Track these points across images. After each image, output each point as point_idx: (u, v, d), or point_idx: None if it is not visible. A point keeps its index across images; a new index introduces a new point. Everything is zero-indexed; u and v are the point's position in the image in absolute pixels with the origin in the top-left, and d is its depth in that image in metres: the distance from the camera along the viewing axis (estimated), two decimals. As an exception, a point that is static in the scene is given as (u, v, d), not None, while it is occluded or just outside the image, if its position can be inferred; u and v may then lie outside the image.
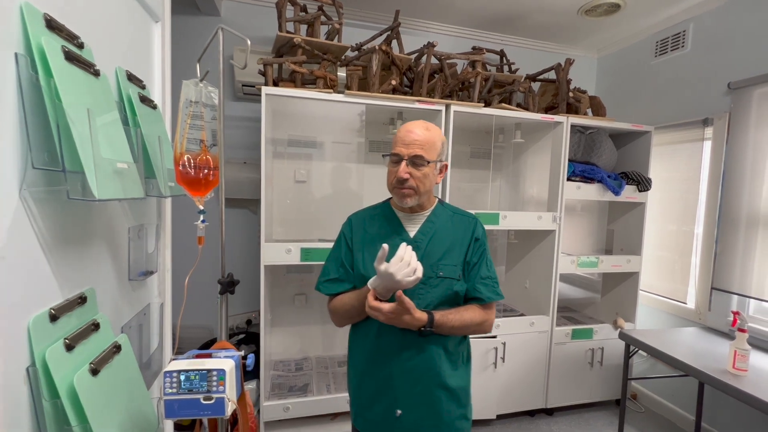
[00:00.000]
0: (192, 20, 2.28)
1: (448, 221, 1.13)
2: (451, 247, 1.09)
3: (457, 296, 1.08)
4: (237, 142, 2.37)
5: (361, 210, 1.21)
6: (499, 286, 1.13)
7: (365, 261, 1.08)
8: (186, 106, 0.95)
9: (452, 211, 1.16)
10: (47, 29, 0.67)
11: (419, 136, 1.03)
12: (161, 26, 1.20)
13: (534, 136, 2.42)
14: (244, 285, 2.36)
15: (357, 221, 1.17)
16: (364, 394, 1.10)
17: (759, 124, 1.96)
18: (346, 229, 1.16)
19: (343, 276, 1.12)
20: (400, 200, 1.06)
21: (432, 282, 1.05)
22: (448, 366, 1.07)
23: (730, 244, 2.06)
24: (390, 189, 1.09)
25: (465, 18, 2.55)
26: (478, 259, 1.10)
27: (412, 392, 1.04)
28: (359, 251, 1.10)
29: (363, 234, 1.12)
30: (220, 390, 0.76)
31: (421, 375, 1.04)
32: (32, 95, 0.64)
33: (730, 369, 1.58)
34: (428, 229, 1.10)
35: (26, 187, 0.64)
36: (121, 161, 0.80)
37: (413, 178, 1.02)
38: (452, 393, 1.07)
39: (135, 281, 1.07)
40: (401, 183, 1.03)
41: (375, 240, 1.10)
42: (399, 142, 1.05)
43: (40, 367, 0.65)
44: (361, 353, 1.11)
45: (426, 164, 1.03)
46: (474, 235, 1.11)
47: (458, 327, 1.03)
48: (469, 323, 1.05)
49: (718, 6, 2.20)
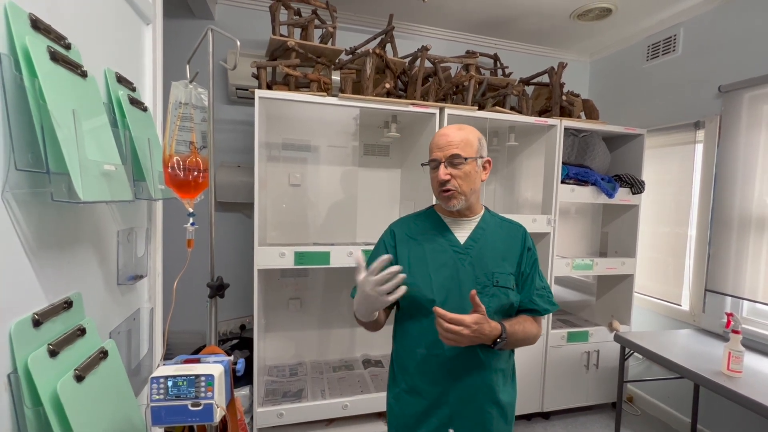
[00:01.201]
0: (186, 23, 2.28)
1: (497, 228, 1.09)
2: (504, 256, 1.05)
3: (512, 307, 1.03)
4: (231, 145, 2.36)
5: (403, 217, 1.16)
6: (553, 295, 1.09)
7: (411, 267, 1.03)
8: (175, 108, 0.94)
9: (500, 218, 1.13)
10: (32, 29, 0.66)
11: (453, 137, 1.01)
12: (152, 28, 1.20)
13: (528, 139, 2.43)
14: (238, 289, 2.34)
15: (400, 229, 1.11)
16: (410, 412, 1.03)
17: (750, 126, 1.98)
18: (387, 239, 1.11)
19: None
20: (446, 204, 1.03)
21: (488, 291, 1.00)
22: (502, 381, 1.04)
23: (723, 245, 2.07)
24: (436, 195, 1.06)
25: (458, 22, 2.57)
26: (531, 269, 1.06)
27: (467, 410, 1.00)
28: (404, 259, 1.04)
29: (408, 240, 1.07)
30: (209, 396, 0.74)
31: (477, 391, 1.00)
32: (16, 96, 0.63)
33: (725, 371, 1.58)
34: (479, 236, 1.06)
35: (9, 188, 0.63)
36: (109, 163, 0.79)
37: (455, 179, 1.00)
38: (503, 409, 1.03)
39: (124, 285, 1.05)
40: (443, 185, 1.00)
41: (420, 241, 1.06)
42: (434, 147, 1.03)
43: (22, 374, 0.64)
44: (410, 368, 1.04)
45: (465, 161, 0.99)
46: (526, 245, 1.08)
47: (521, 339, 0.99)
48: (530, 335, 1.01)
49: (707, 10, 2.23)
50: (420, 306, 1.02)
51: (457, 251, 1.04)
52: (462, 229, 1.07)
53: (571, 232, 2.72)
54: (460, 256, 1.03)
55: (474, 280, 1.01)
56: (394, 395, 1.08)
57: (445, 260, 1.02)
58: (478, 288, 0.99)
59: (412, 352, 1.04)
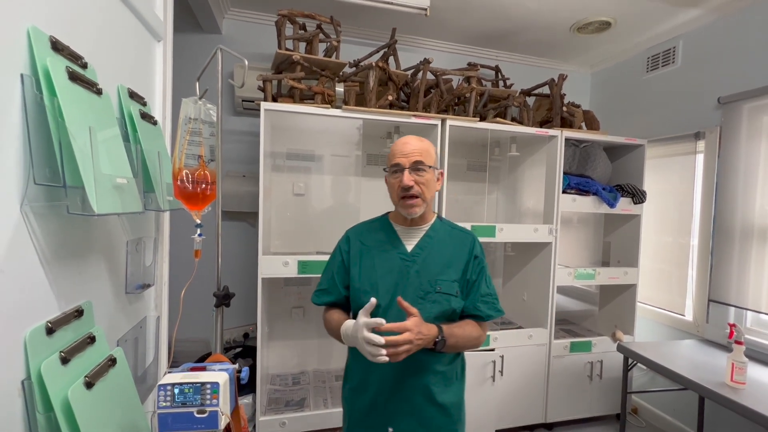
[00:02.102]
0: (194, 38, 2.34)
1: (446, 236, 1.12)
2: (449, 263, 1.09)
3: (454, 313, 1.07)
4: (236, 155, 2.40)
5: (358, 224, 1.22)
6: (499, 301, 1.13)
7: (361, 274, 1.09)
8: (185, 123, 0.97)
9: (450, 226, 1.16)
10: (52, 51, 0.70)
11: (416, 145, 1.07)
12: (163, 45, 1.24)
13: (529, 150, 2.46)
14: (242, 298, 2.36)
15: (354, 235, 1.17)
16: (357, 408, 1.10)
17: (750, 137, 2.00)
18: (342, 243, 1.17)
19: (331, 288, 1.13)
20: (408, 211, 1.06)
21: (431, 297, 1.05)
22: (440, 383, 1.07)
23: (725, 256, 2.07)
24: (395, 201, 1.09)
25: (460, 35, 2.62)
26: (478, 276, 1.10)
27: (404, 409, 1.05)
28: (355, 265, 1.11)
29: (360, 247, 1.13)
30: (214, 403, 0.76)
31: (413, 392, 1.05)
32: (36, 114, 0.66)
33: (729, 382, 1.57)
34: (426, 244, 1.10)
35: (27, 202, 0.66)
36: (121, 176, 0.82)
37: (418, 185, 1.04)
38: (444, 409, 1.07)
39: (132, 294, 1.07)
40: (407, 191, 1.03)
41: (371, 251, 1.11)
42: (397, 153, 1.07)
43: (35, 381, 0.66)
44: (357, 369, 1.11)
45: (427, 169, 1.05)
46: (473, 253, 1.11)
47: (462, 343, 1.04)
48: (471, 339, 1.06)
49: (706, 23, 2.26)
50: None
51: (404, 259, 1.08)
52: (412, 237, 1.12)
53: (573, 241, 2.73)
54: (407, 264, 1.07)
55: (418, 287, 1.05)
56: (346, 390, 1.16)
57: (391, 267, 1.07)
58: (421, 293, 1.05)
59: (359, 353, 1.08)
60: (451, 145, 2.07)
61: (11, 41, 0.62)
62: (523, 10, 2.26)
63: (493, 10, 2.26)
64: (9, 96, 0.62)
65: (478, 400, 2.12)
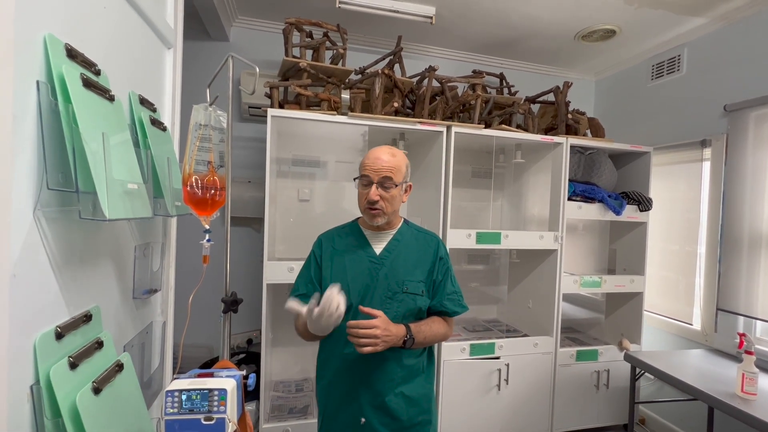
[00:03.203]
0: (202, 45, 2.37)
1: (412, 240, 1.20)
2: (415, 265, 1.16)
3: (420, 311, 1.15)
4: (242, 161, 2.41)
5: (330, 229, 1.28)
6: (463, 298, 1.21)
7: (332, 276, 1.15)
8: (195, 129, 0.98)
9: (416, 230, 1.24)
10: (68, 58, 0.71)
11: (386, 162, 1.11)
12: (173, 52, 1.26)
13: (534, 157, 2.46)
14: (246, 304, 2.34)
15: (326, 239, 1.23)
16: (331, 403, 1.16)
17: (756, 145, 1.99)
18: (315, 248, 1.23)
19: (311, 292, 1.15)
20: (370, 220, 1.14)
21: (398, 297, 1.12)
22: (407, 377, 1.14)
23: (733, 264, 2.05)
24: (361, 210, 1.17)
25: (465, 43, 2.64)
26: (443, 276, 1.18)
27: (375, 402, 1.11)
28: (327, 267, 1.17)
29: (332, 250, 1.19)
30: (221, 410, 0.76)
31: (382, 386, 1.11)
32: (51, 120, 0.67)
33: (739, 393, 1.55)
34: (393, 247, 1.17)
35: (40, 207, 0.66)
36: (132, 182, 0.83)
37: (383, 200, 1.11)
38: (412, 400, 1.14)
39: (139, 299, 1.08)
40: (372, 204, 1.11)
41: (342, 254, 1.17)
42: (368, 167, 1.13)
43: (44, 385, 0.66)
44: (329, 366, 1.17)
45: (394, 186, 1.11)
46: (438, 255, 1.19)
47: (429, 339, 1.12)
48: (438, 334, 1.15)
49: (711, 31, 2.26)
50: None
51: (373, 261, 1.15)
52: (380, 241, 1.19)
53: (579, 249, 2.71)
54: (375, 266, 1.15)
55: (386, 288, 1.13)
56: (319, 387, 1.21)
57: (361, 269, 1.14)
58: (389, 294, 1.12)
59: (330, 352, 1.17)
60: (456, 152, 2.07)
61: (28, 49, 0.63)
62: (527, 19, 2.27)
63: (497, 18, 2.28)
64: (25, 103, 0.63)
65: (483, 408, 2.09)
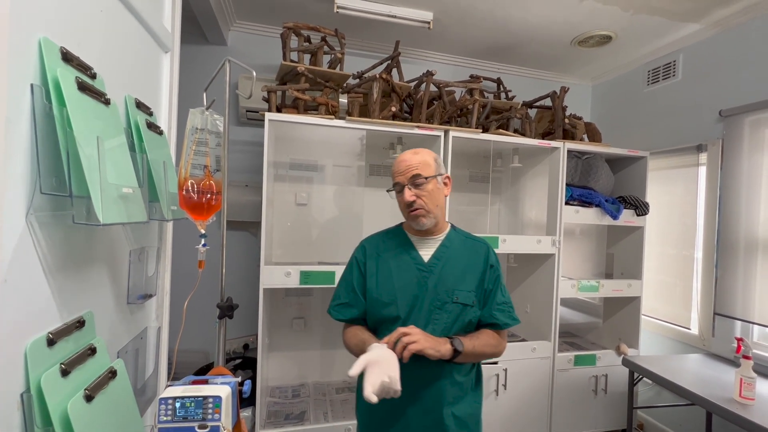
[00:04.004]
0: (200, 49, 2.37)
1: (461, 246, 1.13)
2: (465, 273, 1.09)
3: (470, 323, 1.08)
4: (239, 165, 2.41)
5: (374, 234, 1.22)
6: (514, 310, 1.14)
7: (378, 285, 1.09)
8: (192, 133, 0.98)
9: (464, 236, 1.17)
10: (63, 61, 0.71)
11: (411, 160, 1.08)
12: (170, 56, 1.25)
13: (532, 161, 2.46)
14: (242, 308, 2.33)
15: (370, 245, 1.17)
16: (375, 420, 1.09)
17: (752, 150, 2.00)
18: (359, 254, 1.16)
19: (353, 301, 1.11)
20: (416, 223, 1.08)
21: (447, 308, 1.06)
22: (457, 394, 1.07)
23: (730, 269, 2.06)
24: (406, 217, 1.11)
25: (462, 48, 2.65)
26: (494, 285, 1.11)
27: (423, 421, 1.04)
28: (372, 276, 1.10)
29: (377, 258, 1.13)
30: (216, 418, 0.74)
31: (431, 404, 1.04)
32: (44, 123, 0.66)
33: (737, 398, 1.55)
34: (442, 254, 1.11)
35: (33, 211, 0.65)
36: (127, 186, 0.82)
37: (420, 198, 1.05)
38: (461, 421, 1.07)
39: (133, 305, 1.06)
40: (410, 206, 1.06)
41: (387, 261, 1.11)
42: (396, 173, 1.10)
43: (35, 393, 0.64)
44: None
45: (426, 180, 1.06)
46: (489, 262, 1.12)
47: (479, 351, 1.04)
48: (488, 348, 1.06)
49: (706, 38, 2.28)
50: (386, 323, 1.07)
51: (421, 269, 1.09)
52: (427, 247, 1.12)
53: (577, 253, 2.71)
54: (424, 274, 1.08)
55: (435, 297, 1.06)
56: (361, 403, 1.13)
57: (409, 278, 1.07)
58: (438, 304, 1.05)
59: None
60: (454, 156, 2.08)
61: (23, 52, 0.63)
62: (524, 24, 2.29)
63: (495, 23, 2.29)
64: (18, 106, 0.62)
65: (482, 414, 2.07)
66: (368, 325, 1.14)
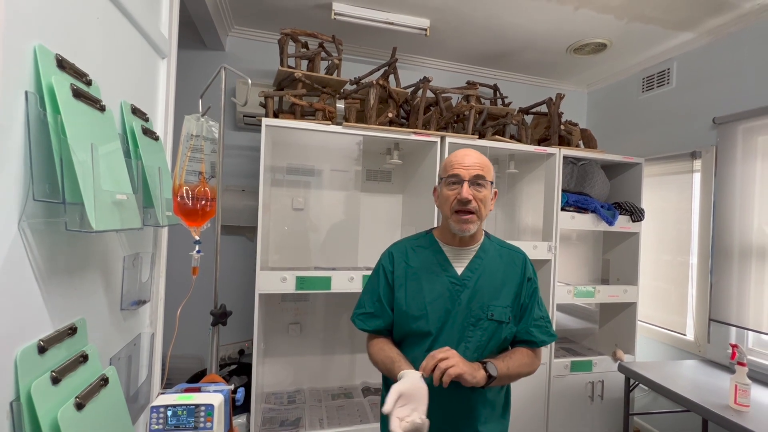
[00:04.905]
0: (198, 54, 2.37)
1: (496, 257, 1.05)
2: (501, 286, 1.02)
3: (505, 341, 1.02)
4: (236, 170, 2.41)
5: (401, 240, 1.13)
6: (552, 325, 1.06)
7: (407, 297, 1.02)
8: (187, 140, 0.98)
9: (499, 244, 1.09)
10: (58, 69, 0.71)
11: (477, 159, 0.99)
12: (167, 62, 1.26)
13: (528, 167, 2.48)
14: (237, 314, 2.33)
15: (398, 253, 1.08)
16: None
17: (745, 157, 2.02)
18: (386, 262, 1.08)
19: (379, 312, 1.05)
20: (460, 227, 0.98)
21: (482, 324, 0.98)
22: (488, 414, 1.02)
23: (725, 275, 2.07)
24: (449, 215, 1.00)
25: (459, 54, 2.67)
26: (531, 299, 1.04)
27: None
28: (401, 287, 1.03)
29: (405, 267, 1.05)
30: (208, 426, 0.74)
31: (462, 424, 0.99)
32: (38, 130, 0.66)
33: (732, 404, 1.55)
34: (477, 266, 1.03)
35: (25, 218, 0.65)
36: (121, 193, 0.82)
37: (476, 200, 0.96)
38: None
39: (127, 311, 1.06)
40: (464, 204, 0.95)
41: (418, 274, 1.03)
42: (456, 164, 0.99)
43: (25, 402, 0.64)
44: None
45: (486, 185, 0.98)
46: (526, 275, 1.05)
47: (514, 372, 0.96)
48: (524, 369, 0.99)
49: (699, 46, 2.31)
50: (415, 337, 1.02)
51: (454, 283, 1.02)
52: (461, 258, 1.04)
53: (573, 258, 2.72)
54: (457, 288, 1.01)
55: (469, 313, 0.99)
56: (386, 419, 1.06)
57: (441, 292, 1.00)
58: (472, 320, 0.98)
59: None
60: (451, 162, 2.08)
61: (18, 59, 0.63)
62: (520, 32, 2.31)
63: (491, 30, 2.31)
64: (12, 112, 0.62)
65: (477, 421, 2.06)
66: (394, 337, 1.08)
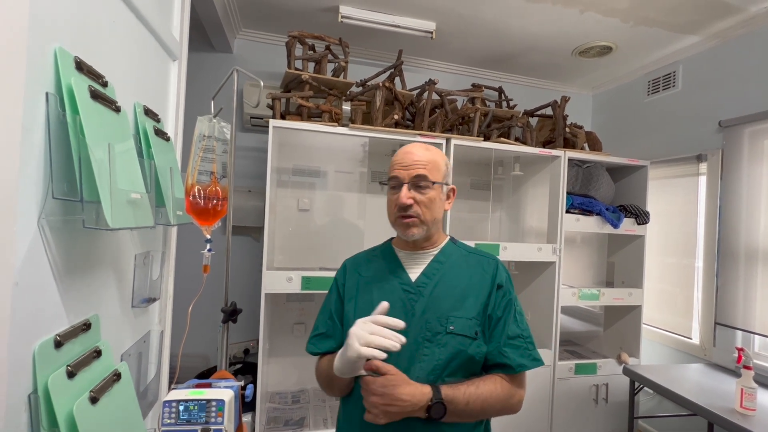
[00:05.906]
0: (206, 57, 2.40)
1: (460, 262, 0.91)
2: (464, 295, 0.86)
3: (472, 361, 0.83)
4: (243, 171, 2.43)
5: (358, 253, 1.04)
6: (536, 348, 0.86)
7: (357, 310, 0.88)
8: (199, 140, 1.00)
9: (466, 250, 0.95)
10: (76, 70, 0.73)
11: (420, 156, 0.88)
12: (178, 64, 1.28)
13: (533, 169, 2.48)
14: (243, 313, 2.32)
15: (351, 265, 0.99)
16: None
17: (751, 160, 2.02)
18: (339, 275, 0.98)
19: (331, 330, 0.93)
20: (404, 232, 0.88)
21: (439, 339, 0.81)
22: None
23: (731, 278, 2.06)
24: (392, 221, 0.91)
25: (464, 57, 2.68)
26: (503, 312, 0.86)
27: None
28: (351, 300, 0.91)
29: (357, 278, 0.94)
30: (218, 421, 0.75)
31: None
32: (58, 130, 0.68)
33: (738, 408, 1.54)
34: (434, 271, 0.89)
35: (44, 216, 0.67)
36: (135, 191, 0.84)
37: (417, 204, 0.86)
38: None
39: (137, 308, 1.07)
40: (404, 210, 0.86)
41: (369, 285, 0.91)
42: (397, 165, 0.90)
43: (42, 395, 0.65)
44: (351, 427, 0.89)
45: (431, 186, 0.86)
46: (495, 281, 0.88)
47: (475, 406, 0.77)
48: (490, 399, 0.79)
49: (705, 49, 2.31)
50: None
51: (407, 290, 0.88)
52: (416, 262, 0.91)
53: (577, 261, 2.72)
54: (411, 297, 0.87)
55: (423, 326, 0.83)
56: None
57: (392, 301, 0.81)
58: (428, 335, 0.82)
59: (351, 413, 0.89)
60: (456, 164, 2.09)
61: (39, 61, 0.65)
62: (525, 35, 2.32)
63: (496, 33, 2.33)
64: (34, 114, 0.64)
65: (481, 422, 2.06)
66: None
